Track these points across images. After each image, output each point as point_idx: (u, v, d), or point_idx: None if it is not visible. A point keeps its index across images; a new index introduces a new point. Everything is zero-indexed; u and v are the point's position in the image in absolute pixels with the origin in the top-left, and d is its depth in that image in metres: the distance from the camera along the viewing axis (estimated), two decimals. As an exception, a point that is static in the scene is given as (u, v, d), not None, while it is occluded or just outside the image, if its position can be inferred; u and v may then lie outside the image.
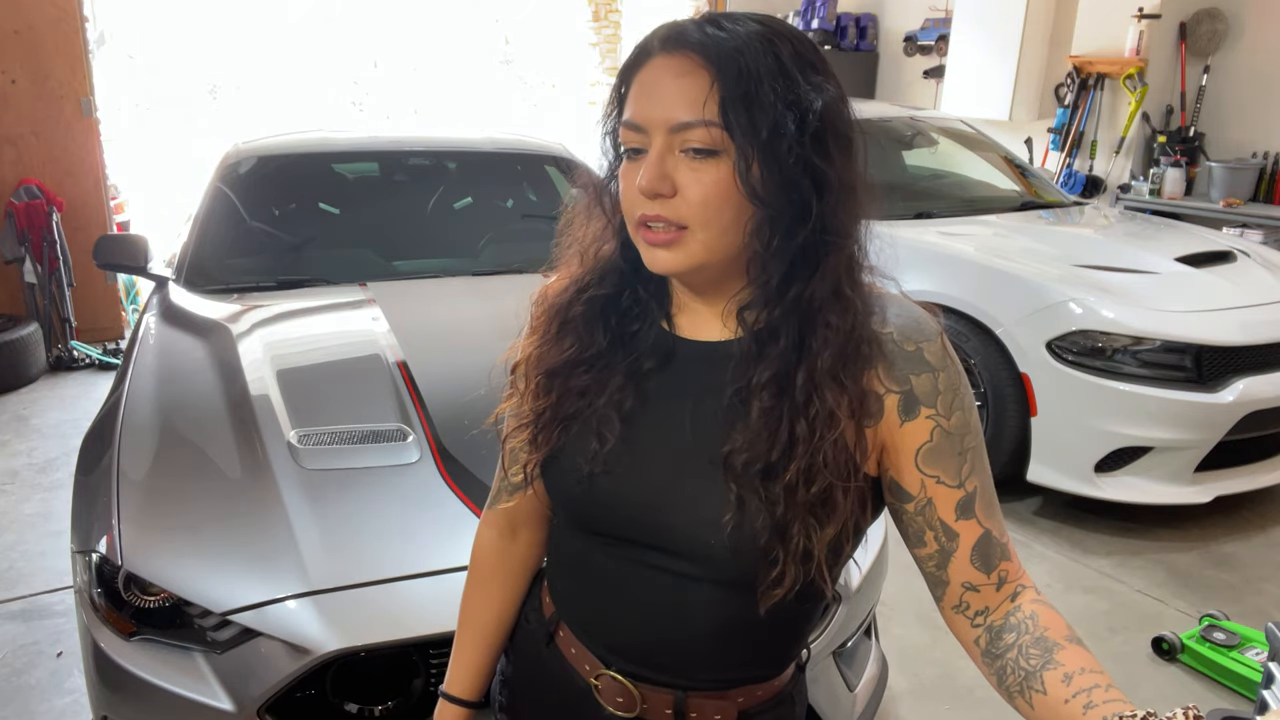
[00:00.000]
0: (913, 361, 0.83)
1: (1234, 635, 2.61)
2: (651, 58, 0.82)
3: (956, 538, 0.84)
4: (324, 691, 1.58)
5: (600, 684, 0.94)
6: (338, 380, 2.23)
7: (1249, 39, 5.25)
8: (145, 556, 1.66)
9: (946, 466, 0.83)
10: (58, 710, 2.35)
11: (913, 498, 0.84)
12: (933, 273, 3.64)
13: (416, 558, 1.66)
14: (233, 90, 8.69)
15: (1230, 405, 3.14)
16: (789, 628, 0.94)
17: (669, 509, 0.86)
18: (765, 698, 0.95)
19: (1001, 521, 0.86)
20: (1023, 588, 0.85)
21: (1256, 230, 4.89)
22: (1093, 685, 0.75)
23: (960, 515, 0.83)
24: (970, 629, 0.85)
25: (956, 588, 0.85)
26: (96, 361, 5.00)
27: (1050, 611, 0.82)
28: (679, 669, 0.92)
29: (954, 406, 0.83)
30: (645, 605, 0.91)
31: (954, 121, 5.01)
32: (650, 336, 0.92)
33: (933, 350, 0.83)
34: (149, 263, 3.01)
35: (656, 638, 0.91)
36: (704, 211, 0.80)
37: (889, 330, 0.83)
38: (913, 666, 2.58)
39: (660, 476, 0.87)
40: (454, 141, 3.56)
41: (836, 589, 1.81)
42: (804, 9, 7.10)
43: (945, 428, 0.83)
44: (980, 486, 0.84)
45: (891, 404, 0.83)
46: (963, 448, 0.84)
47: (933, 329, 0.85)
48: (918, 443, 0.83)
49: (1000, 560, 0.84)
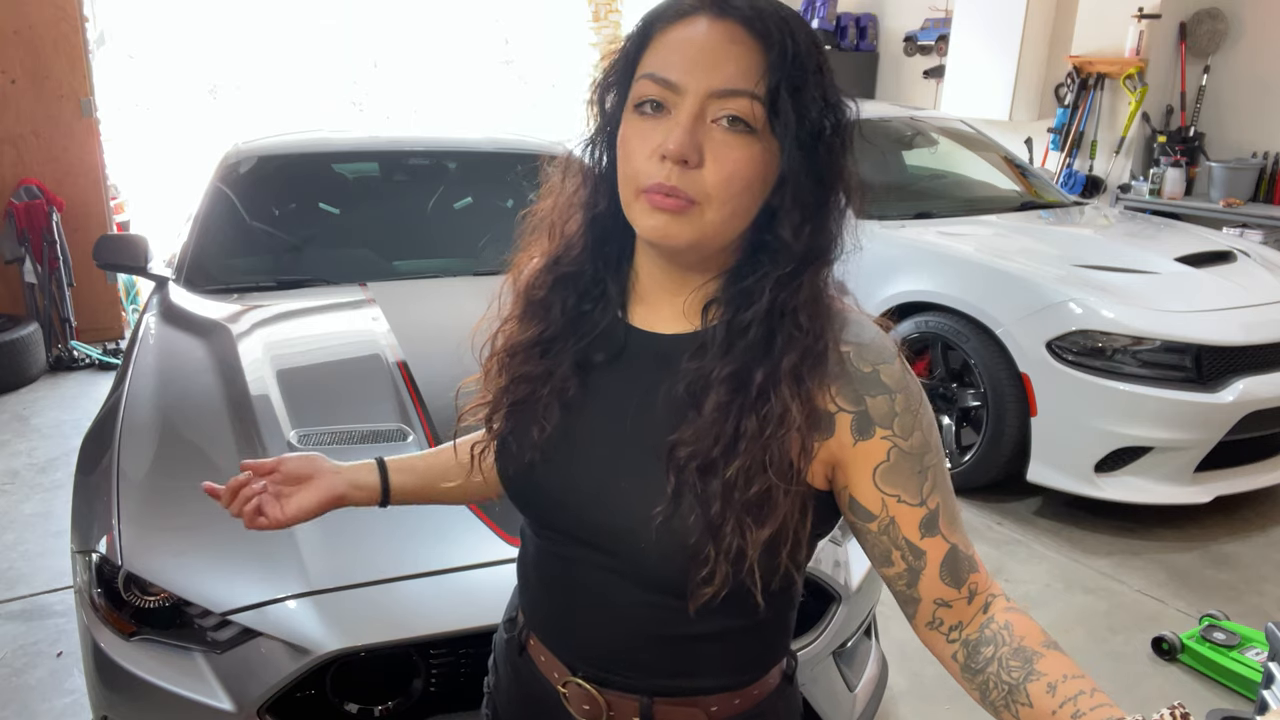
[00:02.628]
0: (868, 383, 0.81)
1: (1234, 635, 2.61)
2: (691, 16, 0.78)
3: (923, 555, 0.82)
4: (324, 691, 1.58)
5: (568, 691, 0.92)
6: (338, 380, 2.24)
7: (1249, 39, 5.25)
8: (145, 556, 1.66)
9: (907, 485, 0.81)
10: (58, 710, 2.35)
11: (875, 516, 0.82)
12: (933, 273, 3.64)
13: (416, 558, 1.66)
14: (233, 90, 8.68)
15: (1230, 405, 3.14)
16: (757, 633, 0.91)
17: (600, 504, 0.85)
18: (744, 707, 0.92)
19: (965, 535, 0.84)
20: (993, 597, 0.84)
21: (1256, 230, 4.89)
22: (1078, 692, 0.74)
23: (925, 533, 0.82)
24: (946, 645, 0.84)
25: (928, 605, 0.84)
26: (96, 361, 5.00)
27: (1024, 619, 0.81)
28: (640, 674, 0.90)
29: (912, 427, 0.81)
30: (595, 609, 0.89)
31: (954, 121, 5.01)
32: (603, 322, 0.90)
33: (889, 372, 0.81)
34: (149, 263, 3.01)
35: (611, 643, 0.90)
36: (725, 189, 0.76)
37: (846, 349, 0.81)
38: (913, 666, 2.58)
39: (594, 469, 0.86)
40: (454, 141, 3.56)
41: (837, 589, 1.82)
42: (804, 9, 7.09)
43: (903, 448, 0.81)
44: (943, 502, 0.83)
45: (844, 423, 0.81)
46: (922, 466, 0.82)
47: (890, 350, 0.83)
48: (874, 462, 0.81)
49: (969, 573, 0.83)
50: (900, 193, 4.53)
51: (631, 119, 0.80)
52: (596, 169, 0.88)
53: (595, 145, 0.87)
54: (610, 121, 0.84)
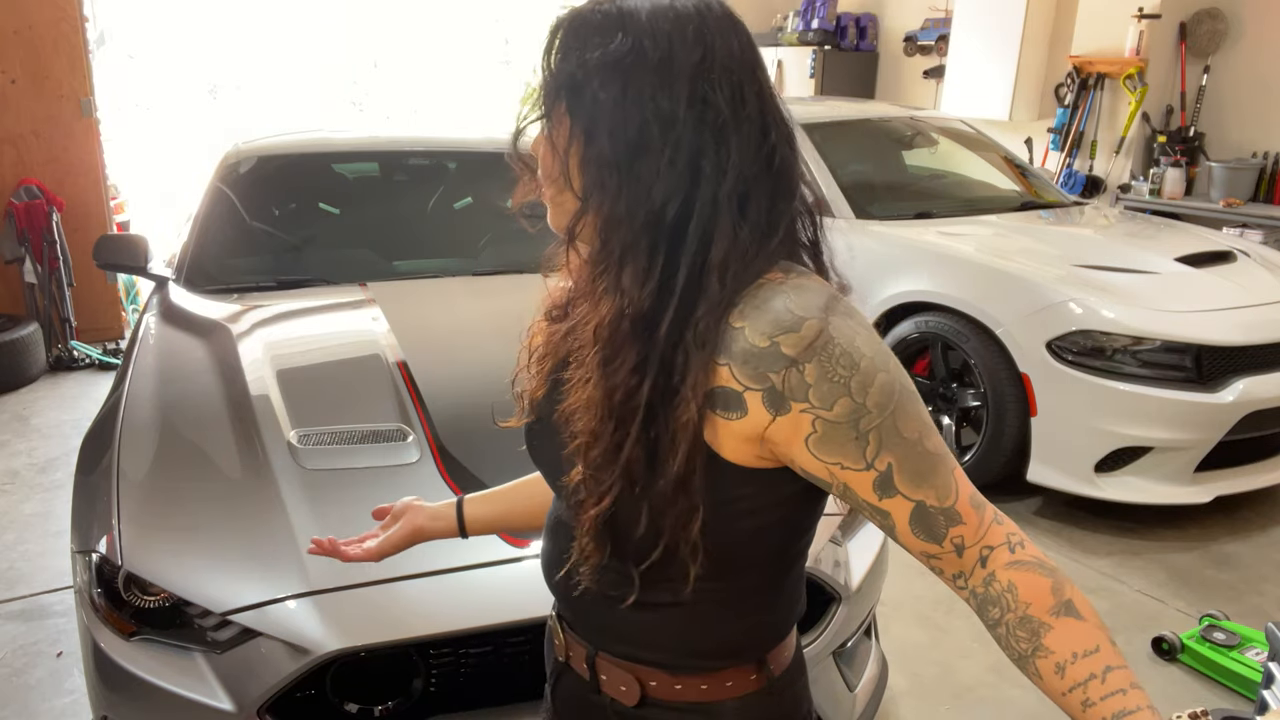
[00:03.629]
0: (767, 358, 0.77)
1: (1234, 635, 2.61)
2: None
3: (888, 515, 0.80)
4: (324, 691, 1.58)
5: (550, 624, 1.04)
6: (338, 380, 2.23)
7: (1249, 39, 5.25)
8: (145, 556, 1.66)
9: (845, 452, 0.78)
10: (58, 710, 2.35)
11: (828, 483, 0.81)
12: (933, 273, 3.64)
13: (416, 558, 1.64)
14: (233, 90, 8.68)
15: (1230, 405, 3.14)
16: (689, 619, 0.90)
17: (550, 435, 0.91)
18: (687, 696, 0.92)
19: (941, 487, 0.79)
20: (989, 549, 0.80)
21: (1256, 230, 4.89)
22: (1088, 676, 0.73)
23: (881, 494, 0.79)
24: (958, 590, 0.83)
25: (920, 556, 0.83)
26: (96, 361, 5.00)
27: (1029, 576, 0.78)
28: (586, 624, 0.97)
29: (833, 395, 0.77)
30: (556, 553, 0.97)
31: (954, 121, 5.01)
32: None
33: (791, 342, 0.77)
34: (149, 263, 3.01)
35: (562, 589, 0.97)
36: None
37: (740, 326, 0.79)
38: (913, 666, 2.58)
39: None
40: (454, 141, 3.56)
41: (837, 589, 1.82)
42: (804, 9, 7.10)
43: (827, 418, 0.77)
44: (897, 461, 0.78)
45: (755, 400, 0.79)
46: (859, 431, 0.77)
47: (794, 319, 0.78)
48: (801, 434, 0.79)
49: (948, 527, 0.79)
50: (900, 193, 4.54)
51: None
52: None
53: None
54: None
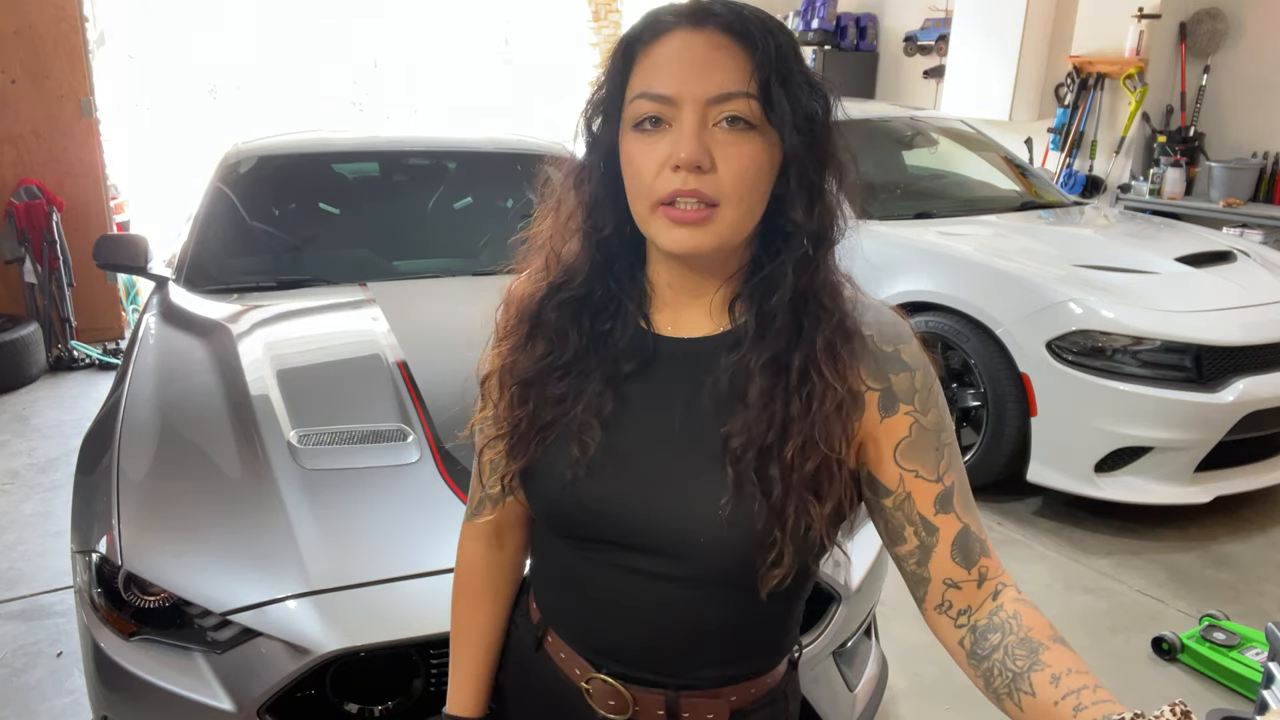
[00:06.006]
0: (891, 361, 0.85)
1: (1234, 635, 2.61)
2: (670, 31, 0.82)
3: (936, 532, 0.85)
4: (324, 691, 1.58)
5: (591, 687, 0.93)
6: (338, 380, 2.23)
7: (1249, 39, 5.25)
8: (145, 556, 1.66)
9: (925, 461, 0.85)
10: (58, 710, 2.35)
11: (891, 492, 0.86)
12: (933, 273, 3.64)
13: (416, 558, 1.66)
14: (233, 90, 8.68)
15: (1230, 405, 3.14)
16: (776, 622, 0.94)
17: (660, 507, 0.86)
18: (758, 695, 0.95)
19: (979, 518, 0.87)
20: (1003, 585, 0.85)
21: (1256, 230, 4.89)
22: (1081, 686, 0.75)
23: (939, 509, 0.85)
24: (954, 630, 0.86)
25: (938, 585, 0.85)
26: (96, 361, 5.00)
27: (1032, 611, 0.83)
28: (669, 669, 0.91)
29: (930, 404, 0.86)
30: (631, 609, 0.90)
31: (954, 121, 5.01)
32: (626, 336, 0.90)
33: (909, 352, 0.86)
34: (149, 263, 3.01)
35: (644, 640, 0.91)
36: (739, 186, 0.80)
37: (869, 333, 0.86)
38: (913, 666, 2.58)
39: (650, 476, 0.87)
40: (454, 141, 3.56)
41: (837, 589, 1.82)
42: (804, 9, 7.10)
43: (923, 424, 0.85)
44: (957, 482, 0.86)
45: (872, 400, 0.85)
46: (939, 443, 0.86)
47: (908, 332, 0.88)
48: (897, 438, 0.85)
49: (980, 556, 0.85)
50: (900, 193, 4.53)
51: (632, 137, 0.83)
52: (594, 193, 0.89)
53: (591, 170, 0.89)
54: (603, 145, 0.87)
